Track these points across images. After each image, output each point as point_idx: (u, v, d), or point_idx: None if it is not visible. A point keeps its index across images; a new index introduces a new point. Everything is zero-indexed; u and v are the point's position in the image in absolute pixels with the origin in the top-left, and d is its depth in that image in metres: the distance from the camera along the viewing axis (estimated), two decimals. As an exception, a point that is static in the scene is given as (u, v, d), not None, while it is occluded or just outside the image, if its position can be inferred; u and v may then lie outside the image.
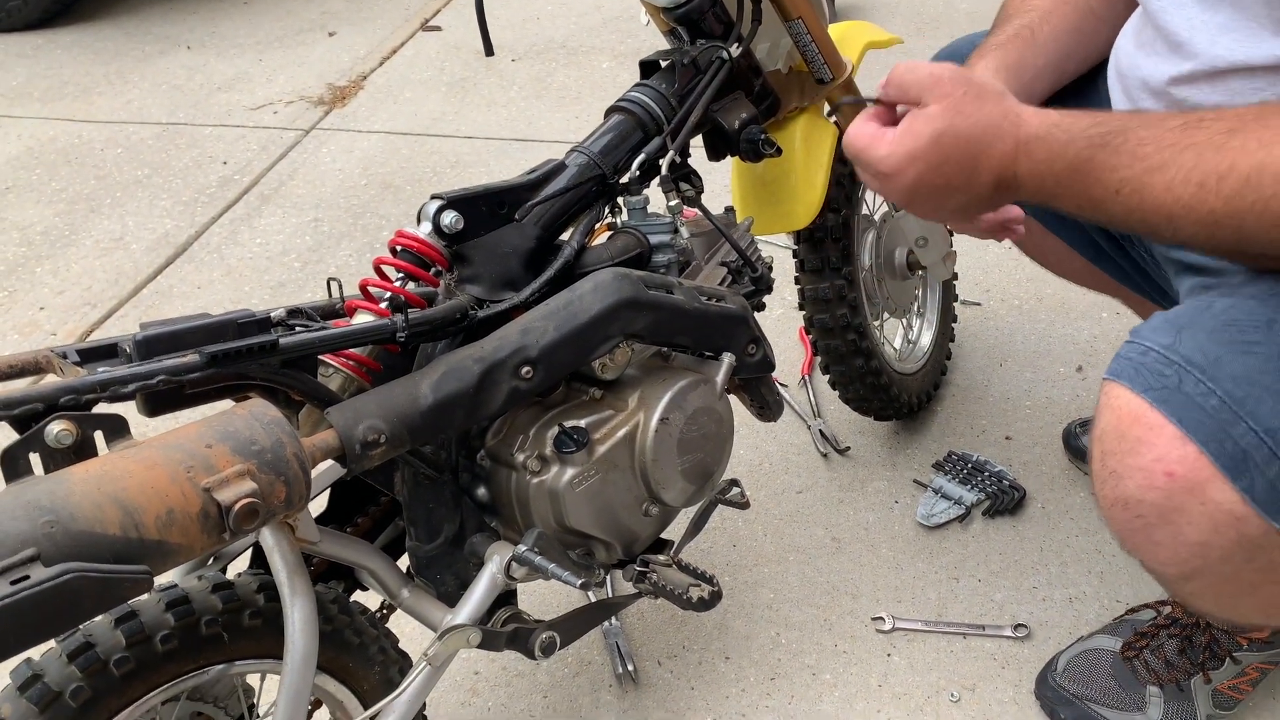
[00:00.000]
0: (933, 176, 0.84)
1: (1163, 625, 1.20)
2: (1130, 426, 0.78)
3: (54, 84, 2.98)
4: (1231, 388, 0.75)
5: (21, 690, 0.78)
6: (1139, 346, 0.80)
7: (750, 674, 1.31)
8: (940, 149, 0.83)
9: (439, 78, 2.88)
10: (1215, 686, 1.16)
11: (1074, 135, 0.81)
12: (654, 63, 1.12)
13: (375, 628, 0.97)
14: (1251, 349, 0.76)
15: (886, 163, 0.85)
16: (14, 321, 2.05)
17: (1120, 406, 0.78)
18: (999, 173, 0.84)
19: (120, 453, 0.68)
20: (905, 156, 0.84)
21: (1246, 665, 1.15)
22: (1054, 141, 0.81)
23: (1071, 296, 1.87)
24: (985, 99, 0.83)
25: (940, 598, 1.38)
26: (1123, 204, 0.79)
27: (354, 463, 0.81)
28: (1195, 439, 0.75)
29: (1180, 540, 0.77)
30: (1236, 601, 0.85)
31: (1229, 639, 1.14)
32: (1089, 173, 0.80)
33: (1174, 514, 0.77)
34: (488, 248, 0.97)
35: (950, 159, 0.83)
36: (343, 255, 2.18)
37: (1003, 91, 0.84)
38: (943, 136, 0.83)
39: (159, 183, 2.48)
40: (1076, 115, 0.82)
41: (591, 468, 0.96)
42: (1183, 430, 0.75)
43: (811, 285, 1.37)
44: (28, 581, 0.58)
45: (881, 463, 1.59)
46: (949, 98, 0.82)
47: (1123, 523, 0.81)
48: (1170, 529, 0.77)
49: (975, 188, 0.85)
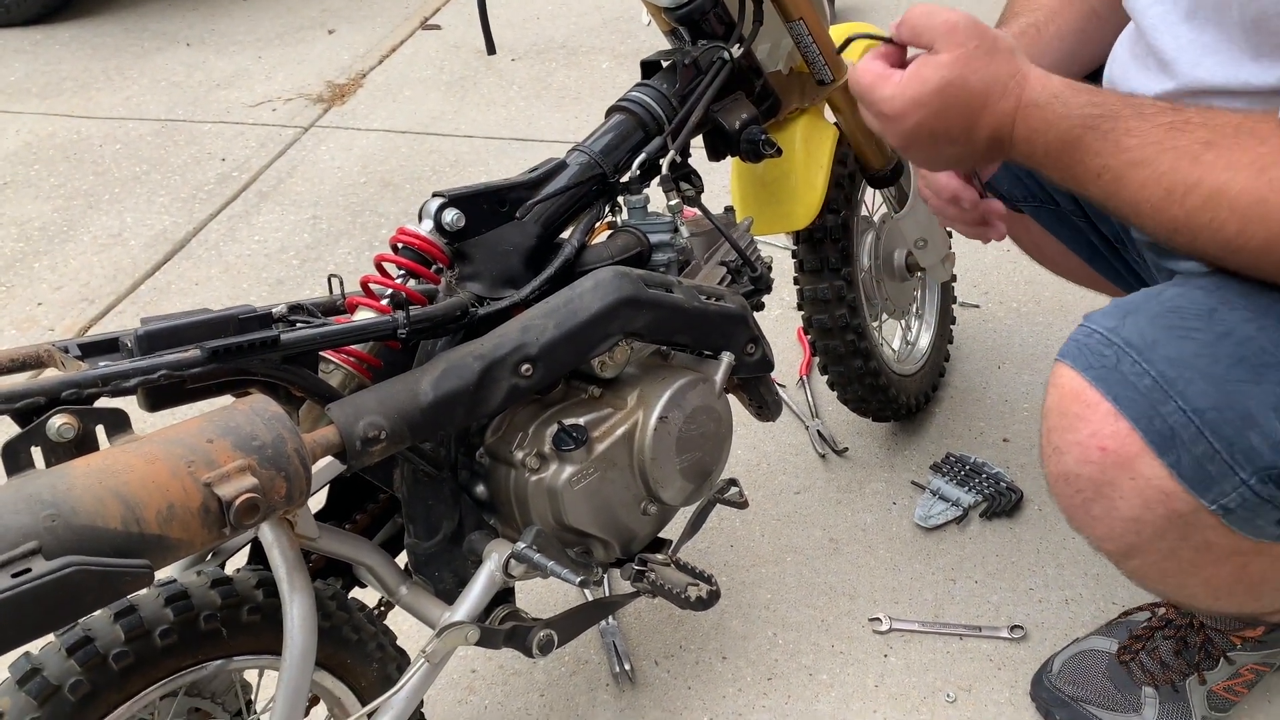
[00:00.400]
0: (933, 124, 0.85)
1: (1157, 626, 1.20)
2: (1070, 403, 0.82)
3: (53, 80, 2.98)
4: (1165, 369, 0.78)
5: (20, 684, 0.78)
6: (1087, 329, 0.84)
7: (747, 674, 1.31)
8: (944, 98, 0.84)
9: (438, 76, 2.88)
10: (1210, 688, 1.16)
11: (1069, 110, 0.82)
12: (655, 63, 1.12)
13: (373, 624, 0.97)
14: (1190, 334, 0.80)
15: (890, 104, 0.86)
16: (12, 317, 2.05)
17: (1063, 384, 0.83)
18: (996, 130, 0.85)
19: (121, 447, 0.68)
20: (910, 101, 0.85)
21: (1241, 666, 1.16)
22: (1050, 112, 0.83)
23: (1069, 299, 1.87)
24: (996, 54, 0.84)
25: (937, 599, 1.38)
26: (1100, 189, 0.83)
27: (354, 459, 0.81)
28: (1127, 415, 0.79)
29: (1115, 515, 0.82)
30: (1182, 581, 0.88)
31: (1223, 639, 1.15)
32: (1076, 151, 0.82)
33: (1107, 488, 0.81)
34: (488, 245, 0.98)
35: (952, 109, 0.84)
36: (341, 253, 2.18)
37: (1014, 49, 0.86)
38: (949, 86, 0.83)
39: (157, 179, 2.48)
40: (1078, 89, 0.84)
41: (590, 466, 0.96)
42: (1116, 407, 0.79)
43: (810, 286, 1.38)
44: (29, 575, 0.58)
45: (879, 464, 1.59)
46: (961, 48, 0.83)
47: (1065, 498, 0.86)
48: (1105, 503, 0.82)
49: (971, 141, 0.86)
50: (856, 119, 1.31)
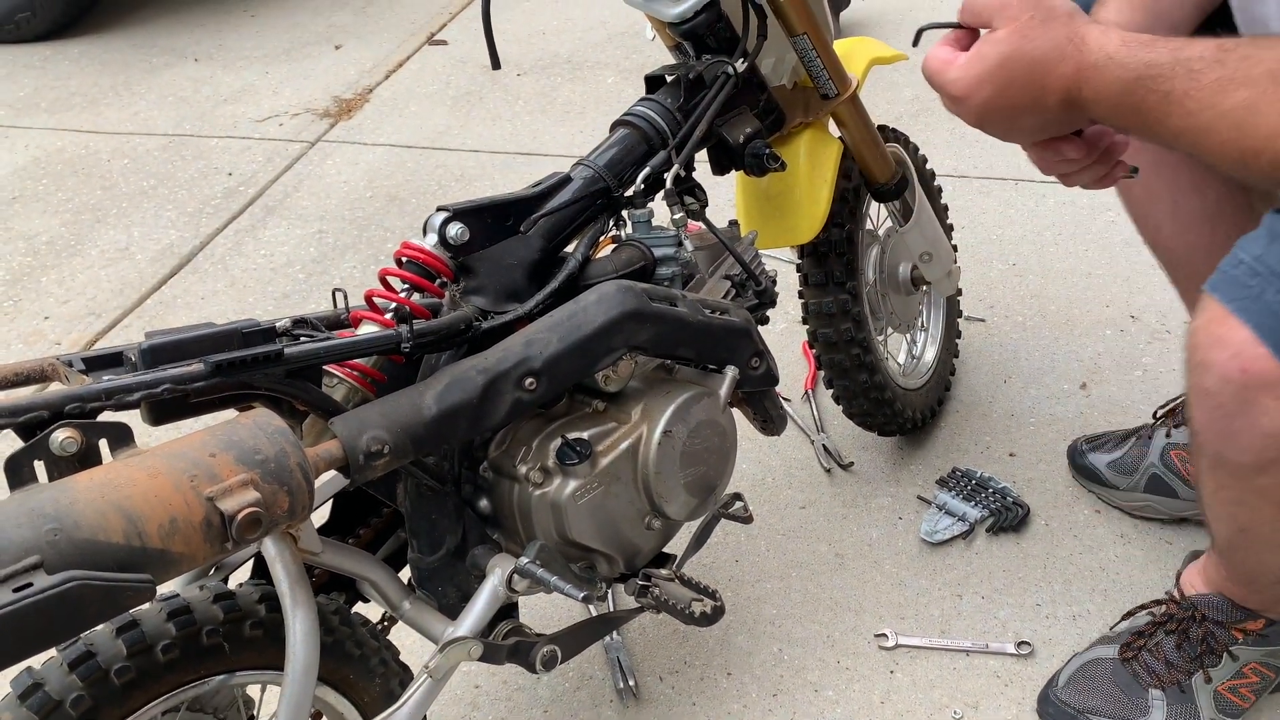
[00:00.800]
0: (1000, 99, 0.88)
1: (1159, 622, 1.20)
2: (1216, 327, 0.87)
3: (61, 95, 3.00)
4: None
5: (22, 699, 0.78)
6: (1235, 258, 0.88)
7: (752, 690, 1.30)
8: (1005, 72, 0.86)
9: (445, 91, 2.89)
10: (1216, 687, 1.16)
11: (1126, 71, 0.83)
12: (660, 77, 1.12)
13: (376, 639, 0.97)
14: None
15: (956, 86, 0.89)
16: (19, 331, 2.06)
17: (1209, 311, 0.88)
18: (1064, 94, 0.86)
19: (124, 461, 0.68)
20: (973, 80, 0.88)
21: (1244, 665, 1.16)
22: (1108, 75, 0.84)
23: (1075, 313, 1.87)
24: (1052, 22, 0.85)
25: (943, 614, 1.37)
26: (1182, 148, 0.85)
27: (357, 473, 0.81)
28: (1268, 343, 0.83)
29: (1256, 429, 0.87)
30: None
31: (1224, 632, 1.15)
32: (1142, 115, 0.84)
33: (1249, 405, 0.86)
34: (493, 259, 0.98)
35: (1016, 82, 0.86)
36: (347, 267, 2.18)
37: (1073, 11, 0.87)
38: (1008, 60, 0.86)
39: (164, 193, 2.49)
40: (1132, 46, 0.84)
41: (594, 480, 0.96)
42: (1258, 335, 0.84)
43: (815, 299, 1.37)
44: (31, 589, 0.58)
45: (885, 478, 1.58)
46: (1016, 21, 0.85)
47: (1205, 412, 0.91)
48: (1247, 418, 0.87)
49: (1044, 109, 0.88)
50: (861, 132, 1.31)
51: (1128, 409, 1.66)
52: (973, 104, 0.89)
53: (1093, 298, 1.91)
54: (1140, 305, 1.88)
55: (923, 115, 2.54)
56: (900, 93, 2.63)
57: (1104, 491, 1.50)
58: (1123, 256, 2.01)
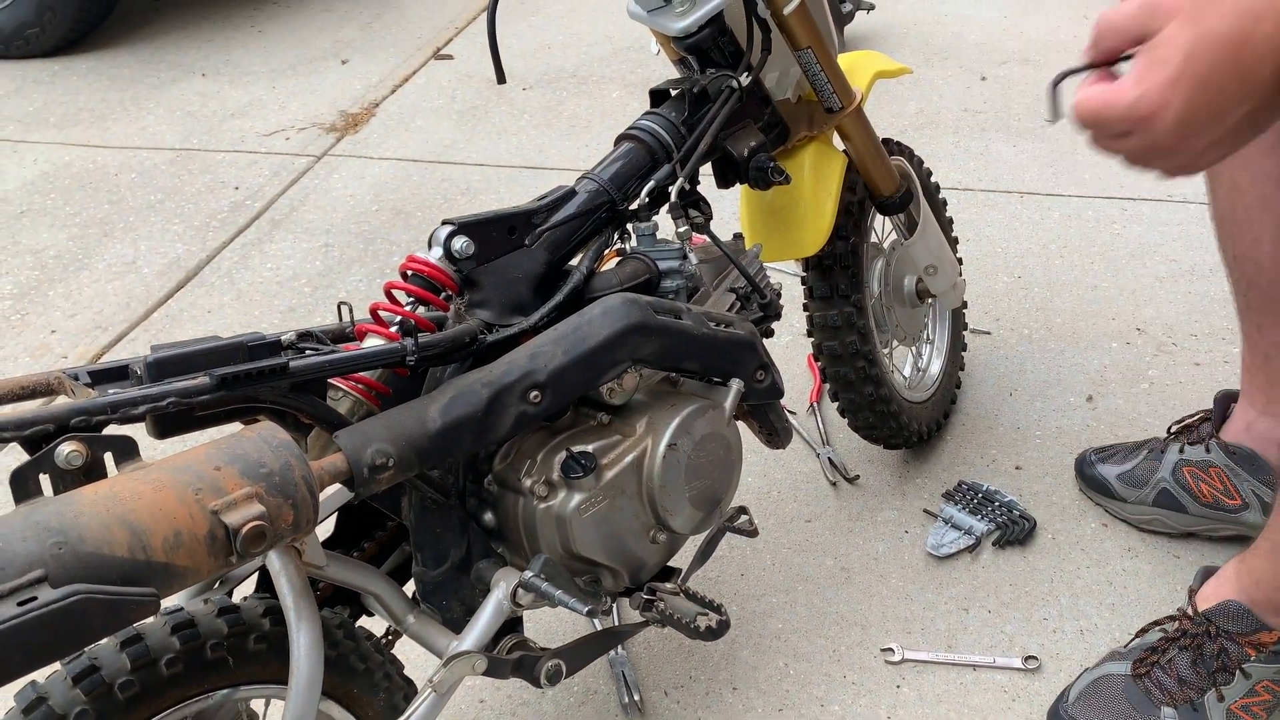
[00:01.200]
0: (1201, 97, 0.71)
1: (1173, 638, 1.19)
2: None
3: (70, 110, 3.01)
4: None
5: (26, 713, 0.78)
6: None
7: (758, 705, 1.29)
8: (1199, 63, 0.70)
9: (450, 105, 2.90)
10: (1229, 705, 1.15)
11: None
12: (664, 91, 1.13)
13: (381, 653, 0.97)
14: None
15: (1141, 105, 0.72)
16: (25, 344, 2.06)
17: None
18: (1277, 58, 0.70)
19: (129, 474, 0.68)
20: (1162, 87, 0.71)
21: (1257, 681, 1.15)
22: None
23: (1081, 326, 1.86)
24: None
25: (950, 629, 1.37)
26: None
27: (362, 486, 0.81)
28: None
29: None
30: None
31: (1238, 649, 1.14)
32: None
33: None
34: (497, 272, 0.98)
35: (1214, 69, 0.70)
36: (353, 280, 2.19)
37: None
38: (1195, 48, 0.70)
39: (171, 207, 2.50)
40: None
41: (599, 493, 0.96)
42: None
43: (820, 312, 1.37)
44: (35, 603, 0.58)
45: (891, 492, 1.58)
46: (1178, 10, 0.71)
47: None
48: None
49: (1256, 91, 0.71)
50: (865, 145, 1.31)
51: (1134, 422, 1.66)
52: (1169, 116, 0.72)
53: (1098, 310, 1.91)
54: (1146, 318, 1.88)
55: (927, 128, 2.54)
56: (905, 106, 2.63)
57: (1111, 504, 1.49)
58: (1128, 269, 2.01)
